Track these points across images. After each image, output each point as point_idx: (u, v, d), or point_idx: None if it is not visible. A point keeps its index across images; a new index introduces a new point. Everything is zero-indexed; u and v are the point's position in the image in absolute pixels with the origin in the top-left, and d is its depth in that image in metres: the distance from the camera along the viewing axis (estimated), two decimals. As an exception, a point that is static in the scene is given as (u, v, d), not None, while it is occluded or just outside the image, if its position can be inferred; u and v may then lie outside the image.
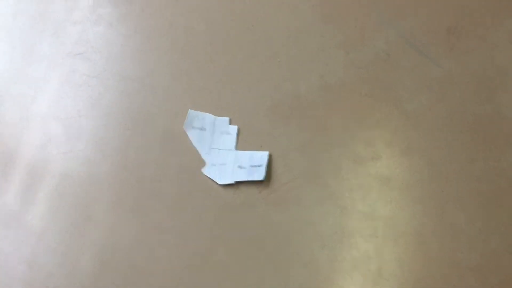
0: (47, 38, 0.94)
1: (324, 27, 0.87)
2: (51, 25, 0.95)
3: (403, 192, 0.74)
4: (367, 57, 0.84)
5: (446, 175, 0.74)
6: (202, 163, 0.80)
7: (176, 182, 0.79)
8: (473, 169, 0.74)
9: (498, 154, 0.74)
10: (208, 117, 0.82)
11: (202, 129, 0.82)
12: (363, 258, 0.72)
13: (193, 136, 0.81)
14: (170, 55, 0.89)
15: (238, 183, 0.78)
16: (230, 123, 0.82)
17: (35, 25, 0.95)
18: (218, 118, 0.82)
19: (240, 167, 0.78)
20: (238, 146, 0.81)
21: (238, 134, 0.81)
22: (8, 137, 0.86)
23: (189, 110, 0.83)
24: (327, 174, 0.77)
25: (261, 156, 0.78)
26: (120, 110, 0.85)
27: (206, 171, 0.79)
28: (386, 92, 0.81)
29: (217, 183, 0.78)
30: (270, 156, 0.78)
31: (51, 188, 0.82)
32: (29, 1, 0.97)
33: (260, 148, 0.80)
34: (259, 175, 0.77)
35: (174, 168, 0.80)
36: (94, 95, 0.87)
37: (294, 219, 0.75)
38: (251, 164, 0.78)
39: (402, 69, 0.82)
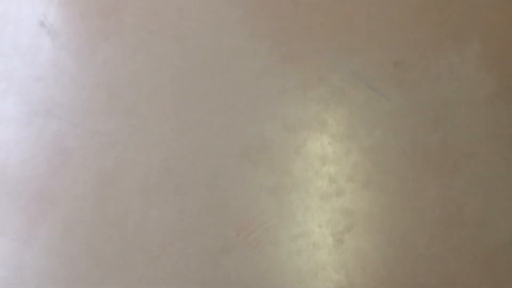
0: (11, 97, 0.94)
1: (281, 69, 0.93)
2: (14, 84, 0.95)
3: (367, 224, 0.82)
4: (324, 96, 0.90)
5: (403, 205, 0.82)
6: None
7: (156, 233, 0.84)
8: (426, 197, 0.82)
9: (447, 181, 0.83)
10: None
11: None
12: (337, 288, 0.79)
13: None
14: (138, 107, 0.92)
15: (217, 228, 0.83)
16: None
17: (-3, 85, 0.96)
18: None
19: None
20: (209, 193, 0.86)
21: None
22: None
23: None
24: (297, 212, 0.84)
25: None
26: (95, 166, 0.88)
27: None
28: (344, 129, 0.88)
29: (197, 232, 0.83)
30: None
31: (36, 249, 0.85)
32: (-13, 60, 0.97)
33: (233, 193, 0.85)
34: None
35: (154, 220, 0.85)
36: (67, 154, 0.90)
37: (272, 258, 0.81)
38: None
39: (357, 105, 0.89)
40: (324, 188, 0.85)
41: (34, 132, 0.92)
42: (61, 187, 0.88)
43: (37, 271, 0.83)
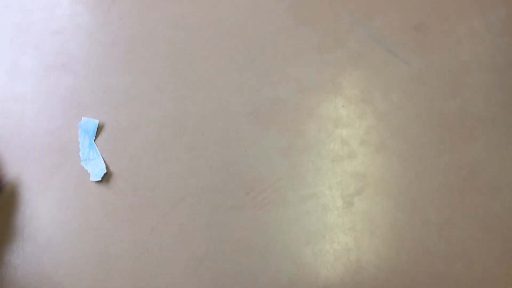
0: (28, 50, 0.95)
1: (298, 30, 0.91)
2: (31, 37, 0.96)
3: (378, 188, 0.81)
4: (340, 58, 0.89)
5: (416, 170, 0.81)
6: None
7: (167, 189, 0.85)
8: (440, 163, 0.81)
9: (462, 147, 0.81)
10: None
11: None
12: (344, 250, 0.79)
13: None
14: (152, 64, 0.92)
15: (226, 186, 0.84)
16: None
17: (15, 38, 0.96)
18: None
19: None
20: (220, 151, 0.86)
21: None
22: (1, 154, 0.89)
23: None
24: (308, 174, 0.83)
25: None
26: (109, 121, 0.89)
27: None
28: (359, 92, 0.86)
29: (207, 190, 0.84)
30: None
31: (49, 200, 0.87)
32: (5, 14, 0.98)
33: (244, 152, 0.85)
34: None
35: (165, 176, 0.85)
36: (81, 108, 0.90)
37: (280, 218, 0.82)
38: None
39: (373, 68, 0.87)
40: (336, 151, 0.84)
41: (50, 86, 0.92)
42: (76, 140, 0.89)
43: (50, 221, 0.85)
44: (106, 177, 0.86)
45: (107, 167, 0.86)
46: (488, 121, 0.82)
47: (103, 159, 0.87)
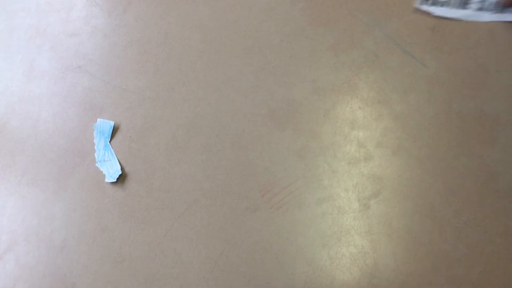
0: (45, 52, 0.96)
1: (313, 31, 0.90)
2: (48, 39, 0.97)
3: (395, 190, 0.80)
4: (357, 59, 0.88)
5: (433, 172, 0.80)
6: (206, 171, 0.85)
7: (182, 191, 0.84)
8: (458, 165, 0.80)
9: (481, 150, 0.80)
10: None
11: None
12: (360, 253, 0.78)
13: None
14: (168, 66, 0.92)
15: (241, 188, 0.83)
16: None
17: (31, 40, 0.97)
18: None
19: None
20: (235, 153, 0.86)
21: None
22: (18, 155, 0.90)
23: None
24: (323, 176, 0.83)
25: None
26: (124, 123, 0.89)
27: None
28: (375, 94, 0.86)
29: (222, 192, 0.83)
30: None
31: (65, 201, 0.87)
32: (22, 16, 0.99)
33: (259, 154, 0.85)
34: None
35: (180, 177, 0.85)
36: (97, 109, 0.91)
37: (296, 220, 0.81)
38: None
39: (390, 70, 0.86)
40: (352, 153, 0.83)
41: (66, 88, 0.93)
42: (91, 141, 0.89)
43: (66, 222, 0.86)
44: (121, 178, 0.86)
45: (122, 168, 0.86)
46: (508, 123, 0.80)
47: (118, 160, 0.87)
